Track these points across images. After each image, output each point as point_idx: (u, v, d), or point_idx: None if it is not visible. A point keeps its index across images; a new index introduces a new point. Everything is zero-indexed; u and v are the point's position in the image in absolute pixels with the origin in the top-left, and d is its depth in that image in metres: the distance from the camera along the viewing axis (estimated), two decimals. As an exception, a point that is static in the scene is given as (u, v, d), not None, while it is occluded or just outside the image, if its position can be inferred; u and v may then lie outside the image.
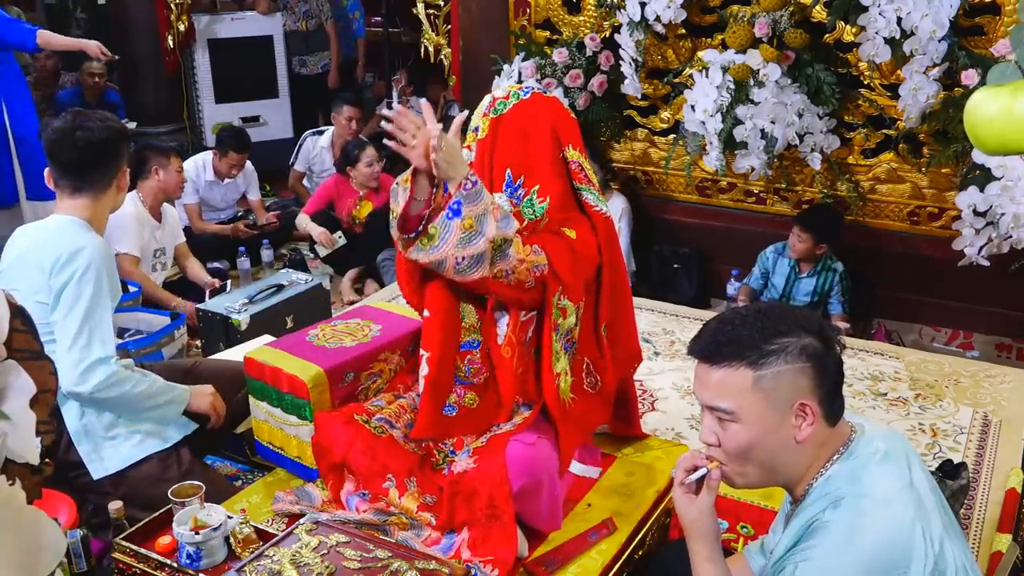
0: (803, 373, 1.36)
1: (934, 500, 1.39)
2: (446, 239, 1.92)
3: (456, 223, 1.90)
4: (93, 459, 2.29)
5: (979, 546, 2.39)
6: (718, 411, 1.40)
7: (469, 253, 1.91)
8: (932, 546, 1.31)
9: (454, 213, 1.90)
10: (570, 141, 2.19)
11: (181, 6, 6.06)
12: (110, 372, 2.23)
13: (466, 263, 1.93)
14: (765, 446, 1.39)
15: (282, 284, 3.79)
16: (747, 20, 3.67)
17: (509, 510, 1.92)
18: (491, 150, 2.17)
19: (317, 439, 2.17)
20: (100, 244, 2.29)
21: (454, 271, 1.95)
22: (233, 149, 4.84)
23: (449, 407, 2.18)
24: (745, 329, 1.39)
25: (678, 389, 3.22)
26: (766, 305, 1.47)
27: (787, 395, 1.37)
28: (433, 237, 1.93)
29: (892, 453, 1.40)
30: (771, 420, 1.37)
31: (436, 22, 4.66)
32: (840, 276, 3.80)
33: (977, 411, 3.08)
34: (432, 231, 1.93)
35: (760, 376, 1.36)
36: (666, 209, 4.39)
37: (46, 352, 1.15)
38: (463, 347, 2.18)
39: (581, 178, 2.21)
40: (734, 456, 1.42)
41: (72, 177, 2.33)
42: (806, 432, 1.38)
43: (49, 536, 1.15)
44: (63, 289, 2.21)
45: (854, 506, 1.34)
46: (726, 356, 1.39)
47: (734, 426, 1.39)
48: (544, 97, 2.22)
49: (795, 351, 1.36)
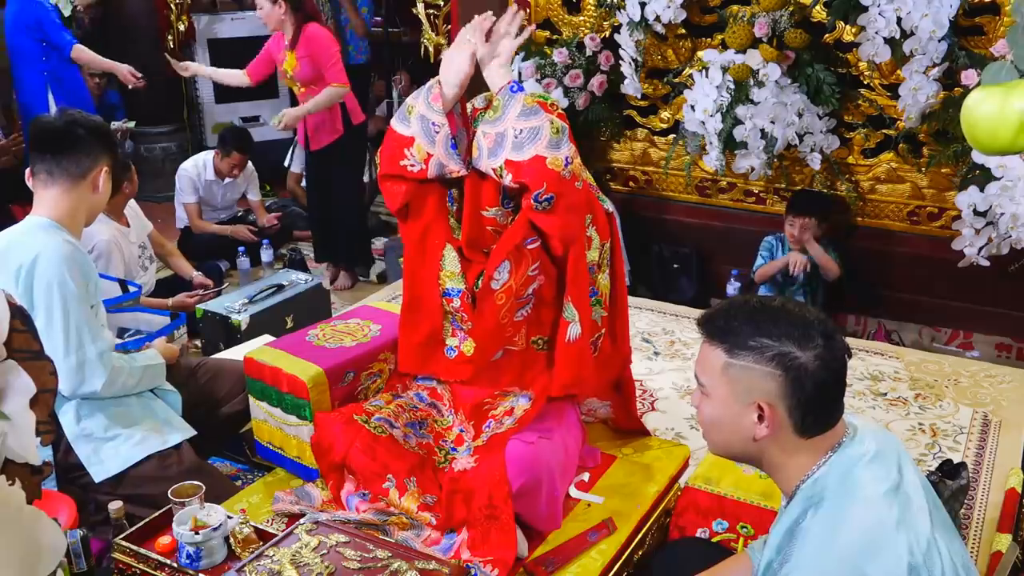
0: (771, 378, 1.38)
1: (925, 501, 1.38)
2: (508, 111, 2.03)
3: (519, 96, 2.04)
4: (93, 461, 2.29)
5: (979, 546, 2.39)
6: (698, 380, 1.49)
7: (529, 125, 2.00)
8: (917, 547, 1.30)
9: (518, 87, 2.07)
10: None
11: (181, 6, 6.07)
12: (111, 365, 2.25)
13: (525, 135, 2.00)
14: (725, 430, 1.46)
15: (282, 284, 3.79)
16: (747, 20, 3.67)
17: (508, 510, 1.92)
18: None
19: (317, 439, 2.17)
20: (59, 245, 2.20)
21: (512, 144, 2.01)
22: (236, 149, 4.84)
23: (450, 349, 2.23)
24: (741, 318, 1.42)
25: (678, 389, 3.22)
26: (780, 302, 1.46)
27: (749, 391, 1.40)
28: (496, 108, 2.05)
29: (882, 454, 1.40)
30: (732, 409, 1.43)
31: (436, 22, 4.66)
32: (837, 261, 3.80)
33: (977, 411, 3.08)
34: (496, 103, 2.06)
35: (729, 364, 1.41)
36: (666, 209, 4.39)
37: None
38: (445, 294, 2.21)
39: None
40: (704, 424, 1.50)
41: (47, 161, 2.27)
42: (763, 433, 1.40)
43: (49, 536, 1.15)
44: (33, 300, 2.18)
45: (835, 508, 1.34)
46: (712, 334, 1.45)
47: (705, 400, 1.48)
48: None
49: (770, 356, 1.37)
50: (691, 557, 1.85)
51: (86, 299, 2.25)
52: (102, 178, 2.34)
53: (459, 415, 2.24)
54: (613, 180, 4.45)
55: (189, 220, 4.89)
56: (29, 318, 1.13)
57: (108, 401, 2.33)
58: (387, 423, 2.16)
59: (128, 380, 2.33)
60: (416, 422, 2.23)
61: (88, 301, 2.26)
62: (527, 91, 2.11)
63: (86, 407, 2.30)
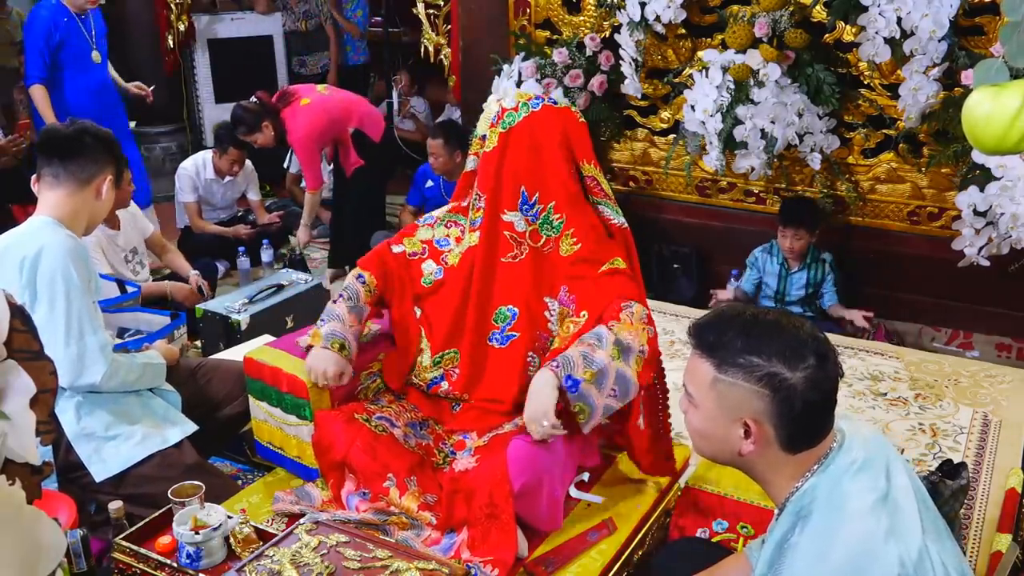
0: (759, 397, 1.36)
1: (916, 505, 1.36)
2: (590, 400, 1.93)
3: (582, 387, 1.91)
4: (94, 460, 2.29)
5: (979, 546, 2.39)
6: (686, 389, 1.48)
7: (611, 384, 1.94)
8: (908, 559, 1.28)
9: (574, 385, 1.91)
10: (584, 155, 2.18)
11: (181, 6, 6.07)
12: (110, 359, 2.26)
13: (620, 388, 1.96)
14: (712, 441, 1.45)
15: (282, 284, 3.79)
16: (747, 20, 3.66)
17: (509, 509, 1.92)
18: (499, 163, 2.16)
19: (318, 438, 2.17)
20: (63, 239, 2.24)
21: (619, 404, 1.99)
22: (233, 145, 4.84)
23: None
24: (733, 332, 1.39)
25: (678, 389, 3.20)
26: (775, 316, 1.42)
27: (736, 407, 1.38)
28: (583, 411, 1.93)
29: (869, 462, 1.37)
30: (719, 422, 1.41)
31: (436, 22, 4.66)
32: (831, 265, 3.82)
33: (977, 411, 3.08)
34: (577, 407, 1.93)
35: (718, 379, 1.39)
36: (666, 209, 4.39)
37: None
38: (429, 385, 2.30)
39: (598, 192, 2.22)
40: (691, 432, 1.49)
41: (54, 165, 2.31)
42: (748, 449, 1.39)
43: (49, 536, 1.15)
44: (36, 292, 2.20)
45: (823, 524, 1.33)
46: (703, 346, 1.42)
47: (693, 409, 1.46)
48: (555, 109, 2.19)
49: (759, 376, 1.35)
50: (691, 557, 1.85)
51: (88, 293, 2.27)
52: (105, 186, 2.38)
53: (461, 434, 2.24)
54: (613, 180, 4.45)
55: (189, 220, 4.89)
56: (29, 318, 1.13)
57: (108, 399, 2.33)
58: (388, 422, 2.16)
59: (128, 375, 2.33)
60: (417, 423, 2.24)
61: (90, 296, 2.28)
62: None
63: (86, 405, 2.30)
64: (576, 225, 2.17)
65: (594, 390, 1.91)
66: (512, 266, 2.20)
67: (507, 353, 2.20)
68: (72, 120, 2.44)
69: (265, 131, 4.53)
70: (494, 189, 2.18)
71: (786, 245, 3.79)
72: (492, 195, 2.18)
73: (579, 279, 2.16)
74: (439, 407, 2.29)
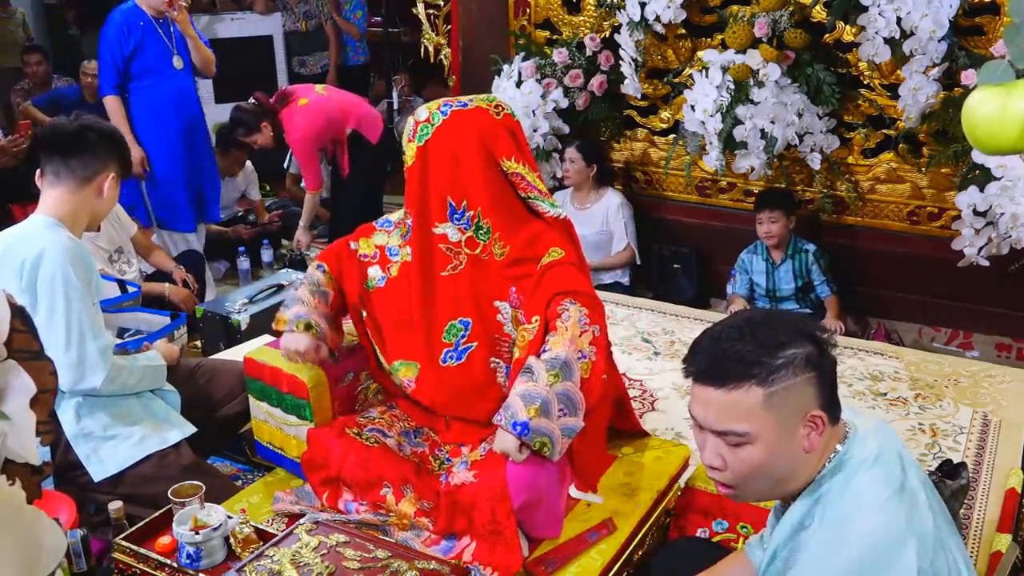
0: (809, 383, 1.32)
1: (927, 499, 1.36)
2: (544, 430, 1.89)
3: (531, 424, 1.88)
4: (92, 461, 2.29)
5: (979, 546, 2.38)
6: (729, 435, 1.33)
7: (558, 406, 1.91)
8: (924, 552, 1.28)
9: (523, 428, 1.88)
10: (503, 152, 2.13)
11: (181, 6, 6.05)
12: (111, 362, 2.25)
13: (568, 406, 1.92)
14: (777, 463, 1.34)
15: (282, 284, 3.79)
16: (747, 20, 3.67)
17: (512, 525, 1.91)
18: (420, 177, 2.14)
19: (309, 456, 2.16)
20: (63, 240, 2.23)
21: (576, 419, 1.95)
22: (233, 145, 4.84)
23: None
24: (744, 344, 1.32)
25: (678, 389, 3.21)
26: (758, 314, 1.39)
27: (797, 408, 1.32)
28: (545, 443, 1.90)
29: (884, 454, 1.37)
30: (783, 436, 1.32)
31: (436, 22, 4.66)
32: (815, 255, 3.83)
33: (977, 411, 3.08)
34: (537, 443, 1.90)
35: (772, 393, 1.30)
36: (666, 209, 4.39)
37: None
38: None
39: (525, 187, 2.16)
40: (744, 476, 1.36)
41: (56, 162, 2.30)
42: (815, 440, 1.35)
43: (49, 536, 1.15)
44: (36, 293, 2.19)
45: (840, 518, 1.32)
46: (733, 376, 1.30)
47: (747, 447, 1.32)
48: (465, 112, 2.14)
49: (801, 362, 1.31)
50: (691, 557, 1.85)
51: (88, 295, 2.25)
52: (108, 184, 2.37)
53: (454, 445, 2.23)
54: (613, 180, 4.45)
55: (189, 219, 4.89)
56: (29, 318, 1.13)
57: (108, 400, 2.33)
58: (380, 433, 2.15)
59: (129, 379, 2.33)
60: (410, 431, 2.23)
61: (90, 298, 2.27)
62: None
63: (86, 406, 2.30)
64: (502, 228, 2.14)
65: (544, 420, 1.88)
66: (452, 279, 2.16)
67: (467, 368, 2.15)
68: (76, 115, 2.41)
69: (264, 132, 4.52)
70: (420, 204, 2.15)
71: (763, 231, 3.81)
72: (419, 210, 2.15)
73: (522, 278, 2.14)
74: (432, 418, 2.27)
